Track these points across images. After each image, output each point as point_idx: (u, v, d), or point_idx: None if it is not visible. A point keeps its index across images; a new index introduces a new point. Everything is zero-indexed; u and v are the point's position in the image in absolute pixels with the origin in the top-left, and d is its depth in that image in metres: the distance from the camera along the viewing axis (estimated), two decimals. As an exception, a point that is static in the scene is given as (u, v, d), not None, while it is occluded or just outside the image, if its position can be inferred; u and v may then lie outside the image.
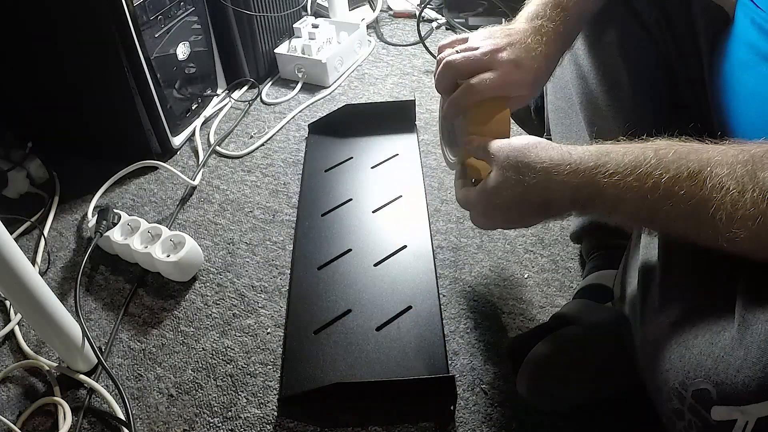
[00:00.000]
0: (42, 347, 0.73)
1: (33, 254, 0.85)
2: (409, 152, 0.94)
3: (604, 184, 0.42)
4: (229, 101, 1.12)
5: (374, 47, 1.26)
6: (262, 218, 0.88)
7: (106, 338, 0.73)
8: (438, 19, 1.31)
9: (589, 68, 0.67)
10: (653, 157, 0.41)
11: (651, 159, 0.41)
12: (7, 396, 0.68)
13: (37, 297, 0.60)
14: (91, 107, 0.95)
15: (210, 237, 0.85)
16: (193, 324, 0.74)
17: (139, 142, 0.97)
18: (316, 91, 1.14)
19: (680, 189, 0.38)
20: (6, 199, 0.94)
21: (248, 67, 1.14)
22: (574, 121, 0.70)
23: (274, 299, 0.76)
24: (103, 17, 0.83)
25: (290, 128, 1.06)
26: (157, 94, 0.93)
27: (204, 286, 0.78)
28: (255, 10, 1.09)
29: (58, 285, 0.81)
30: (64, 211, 0.93)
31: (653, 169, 0.40)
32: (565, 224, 0.81)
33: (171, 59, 0.96)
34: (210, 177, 0.96)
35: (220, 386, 0.67)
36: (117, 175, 0.95)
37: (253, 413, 0.64)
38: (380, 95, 1.12)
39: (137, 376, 0.68)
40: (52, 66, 0.92)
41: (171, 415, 0.64)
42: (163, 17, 0.92)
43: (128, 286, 0.79)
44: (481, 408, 0.63)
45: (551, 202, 0.46)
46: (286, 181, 0.94)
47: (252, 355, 0.70)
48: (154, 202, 0.93)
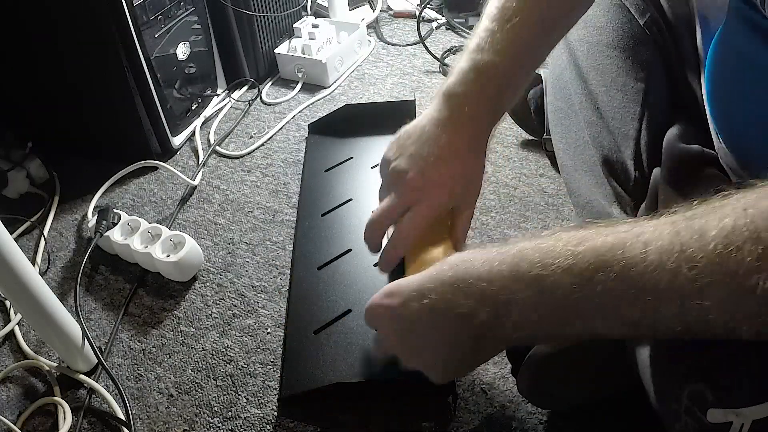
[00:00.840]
0: (42, 347, 0.73)
1: (33, 254, 0.85)
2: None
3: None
4: (229, 101, 1.12)
5: (374, 47, 1.26)
6: (262, 218, 0.88)
7: (106, 338, 0.73)
8: (438, 19, 1.31)
9: (589, 68, 0.67)
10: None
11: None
12: (7, 396, 0.68)
13: (37, 297, 0.60)
14: (91, 107, 0.95)
15: (210, 237, 0.85)
16: (193, 324, 0.74)
17: (139, 142, 0.97)
18: (316, 91, 1.14)
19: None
20: (6, 199, 0.94)
21: (248, 67, 1.14)
22: (573, 121, 0.70)
23: (274, 299, 0.76)
24: (103, 17, 0.83)
25: (290, 128, 1.06)
26: (157, 94, 0.93)
27: (204, 286, 0.78)
28: (255, 10, 1.09)
29: (58, 285, 0.81)
30: (64, 211, 0.93)
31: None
32: (565, 224, 0.82)
33: (171, 59, 0.96)
34: (210, 177, 0.96)
35: (220, 386, 0.67)
36: (117, 175, 0.95)
37: (253, 413, 0.64)
38: (380, 95, 1.12)
39: (137, 376, 0.68)
40: (52, 66, 0.92)
41: (171, 415, 0.64)
42: (163, 17, 0.92)
43: (128, 286, 0.79)
44: (481, 408, 0.63)
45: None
46: (286, 181, 0.94)
47: (252, 355, 0.70)
48: (154, 202, 0.93)
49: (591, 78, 0.68)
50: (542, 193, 0.87)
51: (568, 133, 0.71)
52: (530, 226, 0.82)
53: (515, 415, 0.62)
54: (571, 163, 0.70)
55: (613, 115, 0.65)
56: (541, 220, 0.83)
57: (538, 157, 0.94)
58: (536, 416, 0.61)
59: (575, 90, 0.69)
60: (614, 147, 0.64)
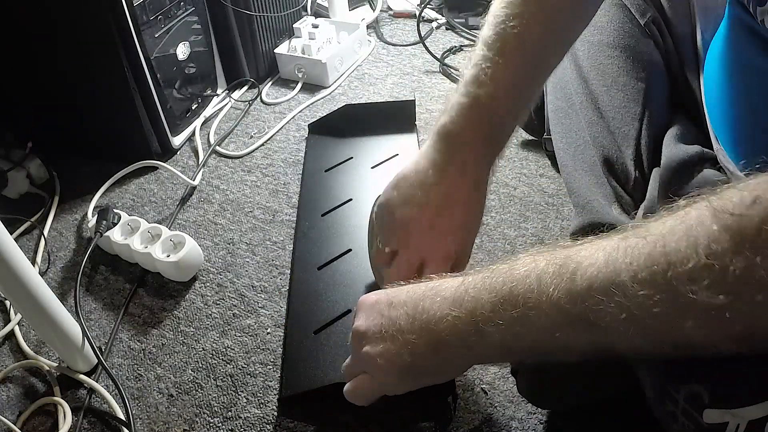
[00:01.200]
0: (42, 347, 0.73)
1: (33, 254, 0.85)
2: (409, 152, 0.94)
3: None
4: (229, 101, 1.12)
5: (374, 47, 1.26)
6: (262, 218, 0.88)
7: (106, 338, 0.73)
8: (438, 19, 1.31)
9: (589, 68, 0.67)
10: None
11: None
12: (7, 396, 0.68)
13: (37, 297, 0.60)
14: (91, 107, 0.95)
15: (210, 237, 0.85)
16: (193, 324, 0.74)
17: (139, 142, 0.97)
18: (316, 91, 1.14)
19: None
20: (6, 199, 0.94)
21: (248, 67, 1.14)
22: (574, 121, 0.70)
23: (274, 299, 0.76)
24: (103, 17, 0.83)
25: (290, 128, 1.06)
26: (157, 94, 0.93)
27: (204, 286, 0.78)
28: (255, 10, 1.09)
29: (58, 285, 0.81)
30: (64, 211, 0.93)
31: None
32: (564, 224, 0.82)
33: (171, 59, 0.96)
34: (210, 177, 0.96)
35: (220, 386, 0.67)
36: (117, 175, 0.95)
37: (253, 413, 0.64)
38: (380, 95, 1.12)
39: (137, 376, 0.68)
40: (52, 66, 0.92)
41: (171, 415, 0.64)
42: (163, 17, 0.92)
43: (128, 286, 0.79)
44: (481, 408, 0.63)
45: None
46: (286, 181, 0.94)
47: (252, 355, 0.70)
48: (154, 202, 0.93)
49: (591, 78, 0.68)
50: (542, 193, 0.87)
51: (569, 133, 0.71)
52: (530, 226, 0.82)
53: (515, 415, 0.62)
54: (571, 163, 0.70)
55: (614, 115, 0.65)
56: (541, 220, 0.83)
57: (538, 157, 0.94)
58: (536, 416, 0.61)
59: (575, 90, 0.69)
60: (614, 147, 0.64)
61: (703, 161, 0.60)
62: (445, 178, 0.53)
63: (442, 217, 0.53)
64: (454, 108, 0.52)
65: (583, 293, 0.35)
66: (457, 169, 0.52)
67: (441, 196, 0.52)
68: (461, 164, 0.52)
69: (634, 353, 0.36)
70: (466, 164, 0.52)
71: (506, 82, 0.51)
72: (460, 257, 0.56)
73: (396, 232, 0.55)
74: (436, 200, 0.53)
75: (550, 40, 0.53)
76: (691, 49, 0.65)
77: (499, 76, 0.50)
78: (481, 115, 0.51)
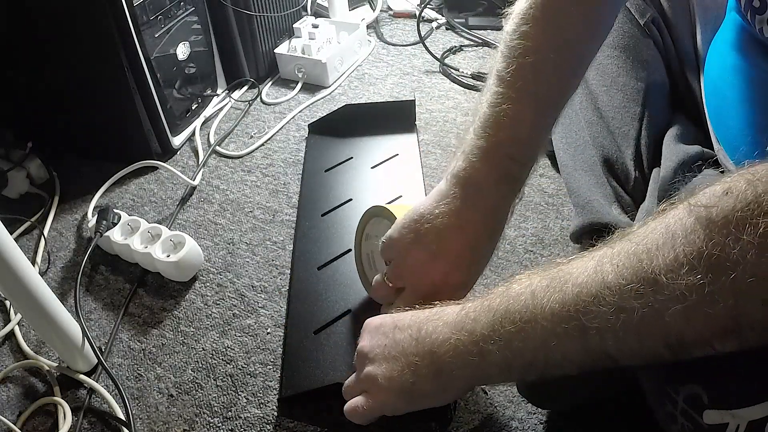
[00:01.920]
0: (42, 347, 0.73)
1: (33, 254, 0.85)
2: (409, 152, 0.94)
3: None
4: (229, 101, 1.12)
5: (374, 47, 1.26)
6: (262, 218, 0.88)
7: (106, 338, 0.73)
8: (438, 19, 1.31)
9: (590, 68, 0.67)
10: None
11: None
12: (7, 396, 0.68)
13: (37, 297, 0.60)
14: (91, 107, 0.95)
15: (210, 237, 0.85)
16: (193, 324, 0.74)
17: (139, 142, 0.97)
18: (316, 91, 1.14)
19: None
20: (6, 199, 0.94)
21: (248, 67, 1.14)
22: (573, 121, 0.70)
23: (274, 299, 0.76)
24: (103, 17, 0.83)
25: (290, 128, 1.06)
26: (157, 94, 0.93)
27: (204, 286, 0.78)
28: (255, 10, 1.09)
29: (58, 285, 0.81)
30: (64, 211, 0.93)
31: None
32: (564, 224, 0.82)
33: (171, 59, 0.96)
34: (210, 177, 0.96)
35: (220, 386, 0.67)
36: (117, 175, 0.95)
37: (253, 413, 0.64)
38: (380, 95, 1.12)
39: (137, 376, 0.68)
40: (52, 66, 0.92)
41: (171, 415, 0.64)
42: (163, 17, 0.92)
43: (128, 286, 0.79)
44: (481, 408, 0.63)
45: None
46: (286, 181, 0.94)
47: (252, 355, 0.70)
48: (154, 202, 0.93)
49: (591, 78, 0.68)
50: (542, 193, 0.87)
51: (568, 133, 0.71)
52: (530, 225, 0.82)
53: (515, 415, 0.62)
54: (571, 163, 0.70)
55: (614, 115, 0.65)
56: (541, 220, 0.83)
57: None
58: (536, 416, 0.61)
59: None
60: (614, 147, 0.64)
61: (703, 161, 0.60)
62: (464, 228, 0.51)
63: (459, 271, 0.52)
64: (473, 152, 0.50)
65: (573, 299, 0.37)
66: (477, 219, 0.51)
67: (459, 245, 0.51)
68: (481, 216, 0.51)
69: (630, 359, 0.37)
70: (487, 214, 0.51)
71: (526, 123, 0.49)
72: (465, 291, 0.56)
73: (406, 276, 0.55)
74: (455, 250, 0.52)
75: (568, 72, 0.51)
76: (691, 49, 0.65)
77: (520, 117, 0.49)
78: (500, 158, 0.50)
